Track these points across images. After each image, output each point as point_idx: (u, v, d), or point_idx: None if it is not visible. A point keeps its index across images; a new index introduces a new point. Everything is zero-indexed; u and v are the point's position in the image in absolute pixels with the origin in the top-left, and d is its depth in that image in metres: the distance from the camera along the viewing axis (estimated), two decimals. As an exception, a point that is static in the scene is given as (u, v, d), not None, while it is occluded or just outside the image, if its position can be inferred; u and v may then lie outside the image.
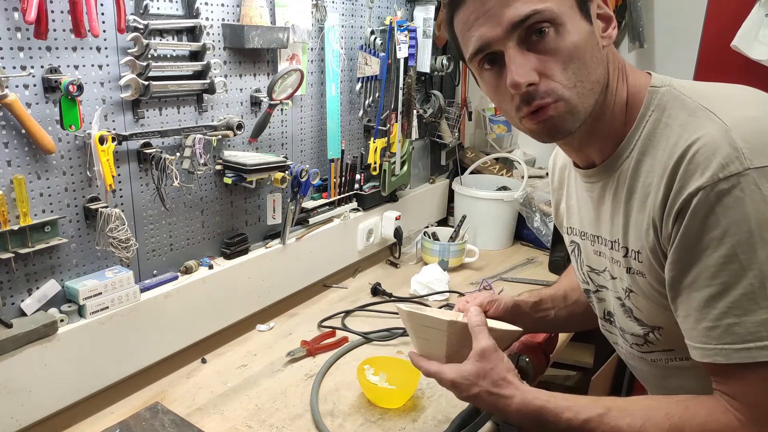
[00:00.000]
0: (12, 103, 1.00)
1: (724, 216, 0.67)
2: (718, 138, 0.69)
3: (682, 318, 0.75)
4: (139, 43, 1.16)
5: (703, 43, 1.91)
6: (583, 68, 0.74)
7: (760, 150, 0.67)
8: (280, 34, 1.42)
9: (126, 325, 1.22)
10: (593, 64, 0.75)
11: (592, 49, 0.75)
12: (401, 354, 1.43)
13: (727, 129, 0.69)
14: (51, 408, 1.13)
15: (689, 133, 0.72)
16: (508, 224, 2.15)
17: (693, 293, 0.72)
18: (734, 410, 0.72)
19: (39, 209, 1.10)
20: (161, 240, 1.34)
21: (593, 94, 0.77)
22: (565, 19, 0.73)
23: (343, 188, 1.78)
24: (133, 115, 1.22)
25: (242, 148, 1.48)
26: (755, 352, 0.68)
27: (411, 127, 1.91)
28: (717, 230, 0.68)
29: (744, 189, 0.66)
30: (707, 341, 0.72)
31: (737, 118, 0.70)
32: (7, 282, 1.08)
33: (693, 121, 0.73)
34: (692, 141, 0.71)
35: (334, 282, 1.82)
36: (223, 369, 1.37)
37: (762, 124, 0.69)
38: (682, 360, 0.87)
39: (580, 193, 0.96)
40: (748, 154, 0.67)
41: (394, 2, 1.89)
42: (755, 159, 0.66)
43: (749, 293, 0.67)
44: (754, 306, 0.67)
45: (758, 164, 0.66)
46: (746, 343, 0.68)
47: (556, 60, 0.74)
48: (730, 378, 0.72)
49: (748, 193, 0.66)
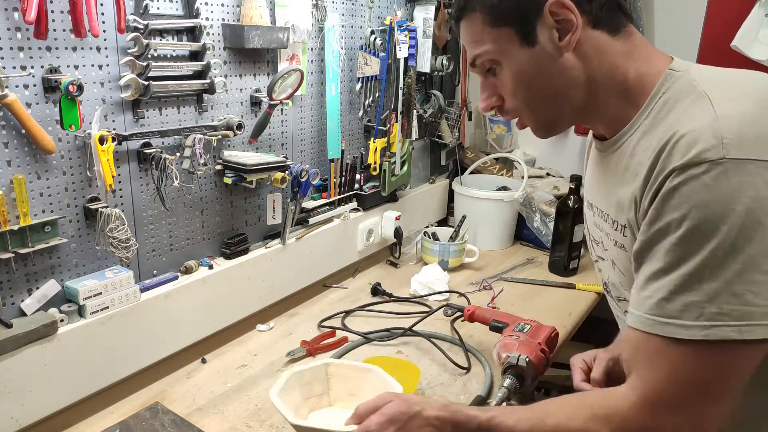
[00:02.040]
0: (12, 103, 1.00)
1: (687, 199, 0.68)
2: (705, 127, 0.69)
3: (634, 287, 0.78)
4: (139, 43, 1.16)
5: (703, 43, 1.91)
6: (531, 88, 0.84)
7: (740, 143, 0.67)
8: (280, 34, 1.42)
9: (126, 325, 1.22)
10: (544, 80, 0.83)
11: (540, 67, 0.82)
12: (401, 354, 1.43)
13: (716, 118, 0.70)
14: (51, 408, 1.13)
15: (684, 120, 0.73)
16: (508, 224, 2.15)
17: (646, 265, 0.75)
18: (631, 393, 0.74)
19: (39, 209, 1.10)
20: (161, 240, 1.34)
21: (552, 102, 0.85)
22: (502, 58, 0.83)
23: (343, 188, 1.78)
24: (133, 115, 1.22)
25: (242, 148, 1.48)
26: (673, 329, 0.70)
27: (411, 127, 1.91)
28: (678, 212, 0.69)
29: (713, 177, 0.67)
30: (638, 308, 0.75)
31: (730, 110, 0.70)
32: (7, 282, 1.08)
33: (692, 108, 0.74)
34: (683, 126, 0.72)
35: (334, 282, 1.82)
36: (223, 369, 1.37)
37: (752, 118, 0.69)
38: None
39: (591, 165, 1.00)
40: (728, 145, 0.67)
41: (394, 2, 1.89)
42: (732, 150, 0.67)
43: (687, 275, 0.69)
44: (687, 287, 0.69)
45: (734, 156, 0.66)
46: (669, 319, 0.70)
47: (504, 89, 0.86)
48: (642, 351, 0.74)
49: (716, 181, 0.67)
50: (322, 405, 1.13)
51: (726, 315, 0.67)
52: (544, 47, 0.81)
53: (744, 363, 0.70)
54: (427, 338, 1.48)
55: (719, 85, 0.75)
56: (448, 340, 1.49)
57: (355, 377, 1.14)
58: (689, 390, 0.70)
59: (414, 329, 1.51)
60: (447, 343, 1.48)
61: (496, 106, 0.88)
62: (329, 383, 1.14)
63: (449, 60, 2.05)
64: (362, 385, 1.13)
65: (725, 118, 0.69)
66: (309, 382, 1.11)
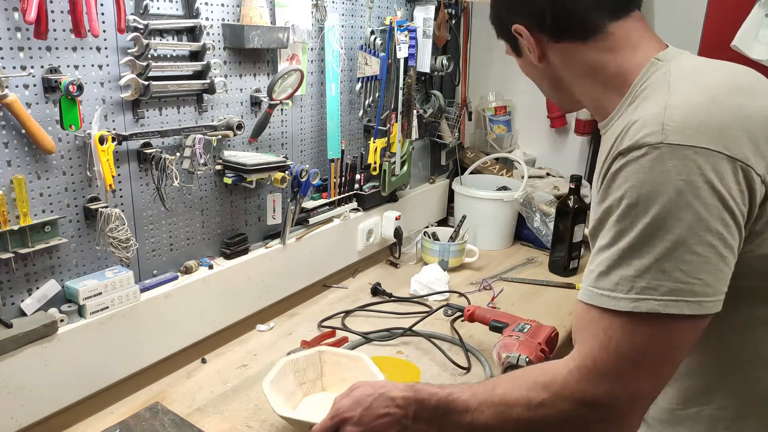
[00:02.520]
0: (12, 103, 1.00)
1: (626, 180, 0.73)
2: (654, 115, 0.73)
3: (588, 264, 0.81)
4: (139, 43, 1.16)
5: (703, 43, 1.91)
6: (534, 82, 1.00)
7: (680, 131, 0.71)
8: (280, 34, 1.42)
9: (126, 325, 1.22)
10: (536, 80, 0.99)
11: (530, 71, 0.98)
12: (401, 354, 1.43)
13: (665, 107, 0.74)
14: (51, 408, 1.13)
15: (642, 109, 0.77)
16: (508, 224, 2.15)
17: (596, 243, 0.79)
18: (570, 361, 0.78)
19: (39, 209, 1.10)
20: (161, 240, 1.34)
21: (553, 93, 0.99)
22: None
23: (343, 188, 1.78)
24: (133, 115, 1.22)
25: (242, 148, 1.48)
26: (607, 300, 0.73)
27: (411, 127, 1.91)
28: (619, 192, 0.73)
29: (650, 159, 0.71)
30: (584, 280, 0.79)
31: (679, 101, 0.74)
32: (7, 282, 1.08)
33: (657, 96, 0.78)
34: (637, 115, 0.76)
35: (334, 282, 1.82)
36: (223, 369, 1.37)
37: (697, 109, 0.73)
38: None
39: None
40: (668, 131, 0.71)
41: (394, 2, 1.89)
42: (671, 136, 0.70)
43: (623, 249, 0.73)
44: (620, 263, 0.73)
45: (671, 141, 0.70)
46: (604, 291, 0.74)
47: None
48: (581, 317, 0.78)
49: (653, 164, 0.71)
50: (315, 389, 1.20)
51: (653, 289, 0.70)
52: (527, 57, 0.94)
53: (674, 338, 0.73)
54: (427, 338, 1.48)
55: (688, 78, 0.79)
56: (448, 340, 1.49)
57: (345, 364, 1.22)
58: (622, 361, 0.73)
59: (414, 329, 1.51)
60: (447, 343, 1.48)
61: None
62: (322, 369, 1.21)
63: (449, 60, 2.05)
64: (351, 372, 1.20)
65: (672, 107, 0.73)
66: (303, 368, 1.18)
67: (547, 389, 0.77)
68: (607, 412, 0.74)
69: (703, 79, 0.79)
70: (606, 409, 0.74)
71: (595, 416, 0.75)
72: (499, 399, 0.81)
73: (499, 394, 0.82)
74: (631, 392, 0.74)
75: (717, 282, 0.71)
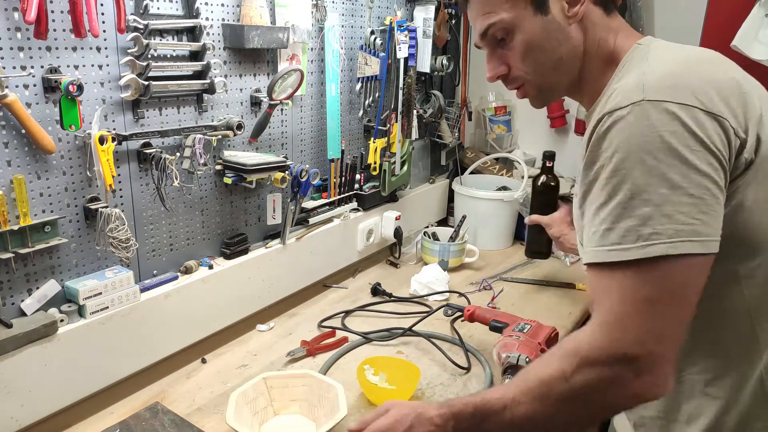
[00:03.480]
0: (12, 103, 1.00)
1: (615, 136, 0.76)
2: (633, 80, 0.79)
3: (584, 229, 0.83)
4: (139, 43, 1.16)
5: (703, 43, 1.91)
6: (540, 55, 0.91)
7: (658, 89, 0.76)
8: (280, 34, 1.42)
9: (126, 325, 1.22)
10: (552, 47, 0.90)
11: (550, 35, 0.89)
12: (401, 354, 1.43)
13: (643, 73, 0.79)
14: (51, 408, 1.13)
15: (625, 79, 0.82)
16: (508, 224, 2.15)
17: (590, 206, 0.81)
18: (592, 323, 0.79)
19: (39, 209, 1.10)
20: (161, 240, 1.34)
21: (557, 69, 0.92)
22: (516, 24, 0.89)
23: (343, 188, 1.78)
24: (133, 115, 1.22)
25: (242, 148, 1.48)
26: (618, 253, 0.76)
27: (411, 127, 1.91)
28: (609, 150, 0.77)
29: (635, 115, 0.75)
30: (589, 244, 0.80)
31: (656, 67, 0.80)
32: (7, 282, 1.08)
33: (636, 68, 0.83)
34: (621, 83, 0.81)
35: (334, 282, 1.82)
36: (223, 369, 1.37)
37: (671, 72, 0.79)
38: None
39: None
40: (647, 90, 0.76)
41: (394, 2, 1.89)
42: (651, 93, 0.75)
43: (623, 202, 0.75)
44: (624, 214, 0.75)
45: (652, 98, 0.75)
46: (612, 246, 0.76)
47: (515, 55, 0.92)
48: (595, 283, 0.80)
49: (638, 118, 0.75)
50: (268, 416, 1.18)
51: (660, 234, 0.73)
52: (555, 17, 0.89)
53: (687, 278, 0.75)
54: (427, 338, 1.48)
55: (663, 53, 0.85)
56: (448, 340, 1.49)
57: (293, 384, 1.20)
58: (641, 309, 0.75)
59: (414, 329, 1.51)
60: (447, 343, 1.48)
61: (502, 75, 0.95)
62: (271, 395, 1.19)
63: (449, 60, 2.05)
64: (301, 390, 1.20)
65: (650, 72, 0.79)
66: (253, 398, 1.16)
67: (577, 354, 0.78)
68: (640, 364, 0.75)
69: (677, 53, 0.85)
70: (638, 361, 0.75)
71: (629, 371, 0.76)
72: (533, 382, 0.81)
73: (532, 377, 0.82)
74: (656, 338, 0.75)
75: (715, 222, 0.74)
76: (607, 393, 0.78)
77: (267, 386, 1.18)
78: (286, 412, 1.19)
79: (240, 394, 1.13)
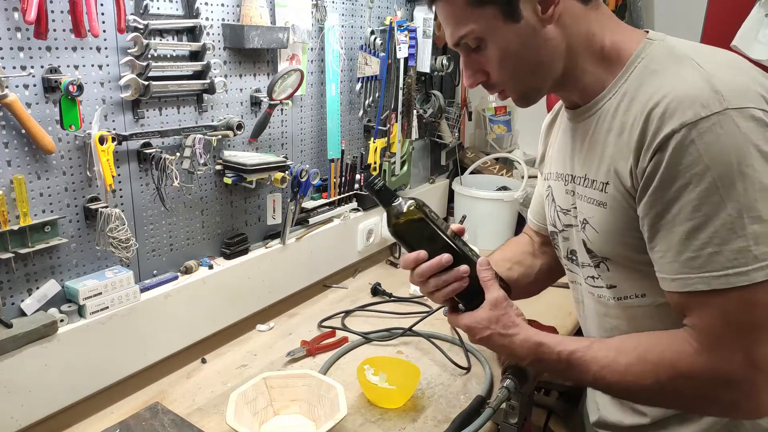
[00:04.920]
0: (12, 103, 1.00)
1: (705, 152, 0.71)
2: (700, 83, 0.74)
3: (662, 253, 0.79)
4: (139, 43, 1.16)
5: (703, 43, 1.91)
6: (517, 62, 0.86)
7: (738, 95, 0.72)
8: (280, 34, 1.42)
9: (126, 325, 1.22)
10: (528, 54, 0.85)
11: (525, 42, 0.84)
12: (401, 354, 1.43)
13: (709, 75, 0.75)
14: (51, 408, 1.13)
15: (674, 79, 0.77)
16: (508, 224, 2.15)
17: (675, 228, 0.76)
18: (692, 339, 0.77)
19: (39, 209, 1.10)
20: (161, 240, 1.34)
21: (536, 73, 0.87)
22: (487, 35, 0.85)
23: (343, 188, 1.78)
24: (133, 115, 1.22)
25: (242, 148, 1.48)
26: (733, 278, 0.72)
27: (411, 127, 1.91)
28: (699, 166, 0.72)
29: (723, 126, 0.71)
30: (689, 271, 0.75)
31: (719, 69, 0.76)
32: (7, 282, 1.08)
33: (679, 69, 0.78)
34: (675, 84, 0.76)
35: (334, 282, 1.82)
36: (223, 369, 1.37)
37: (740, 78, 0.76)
38: (621, 300, 0.94)
39: (561, 136, 1.03)
40: (727, 96, 0.72)
41: (394, 2, 1.89)
42: (734, 100, 0.72)
43: (728, 223, 0.71)
44: (732, 235, 0.71)
45: (736, 105, 0.71)
46: (725, 270, 0.72)
47: (490, 64, 0.88)
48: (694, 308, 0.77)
49: (728, 130, 0.71)
50: (268, 416, 1.17)
51: None
52: (528, 21, 0.83)
53: None
54: (427, 338, 1.48)
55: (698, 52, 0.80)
56: (448, 340, 1.49)
57: (293, 384, 1.20)
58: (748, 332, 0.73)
59: (414, 329, 1.51)
60: (447, 343, 1.48)
61: (482, 82, 0.92)
62: (271, 395, 1.19)
63: (449, 60, 2.05)
64: (301, 390, 1.19)
65: (717, 74, 0.75)
66: (253, 398, 1.16)
67: (675, 368, 0.78)
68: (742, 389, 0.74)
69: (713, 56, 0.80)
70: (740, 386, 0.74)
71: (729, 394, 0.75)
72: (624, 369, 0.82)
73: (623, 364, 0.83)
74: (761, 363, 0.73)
75: None
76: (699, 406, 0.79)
77: (267, 386, 1.18)
78: (286, 412, 1.19)
79: (240, 394, 1.13)
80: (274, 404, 1.18)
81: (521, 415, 1.09)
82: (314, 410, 1.17)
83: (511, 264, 1.21)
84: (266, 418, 1.16)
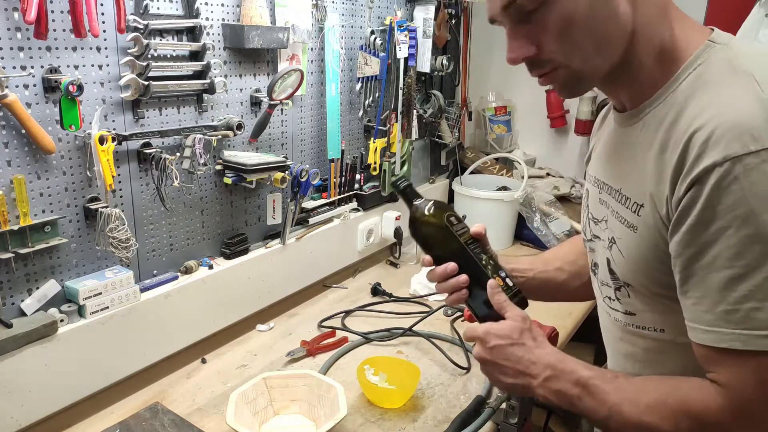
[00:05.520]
0: (12, 103, 1.00)
1: (751, 192, 0.62)
2: (755, 108, 0.64)
3: (695, 300, 0.71)
4: (139, 43, 1.16)
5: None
6: (582, 33, 0.72)
7: None
8: (280, 34, 1.42)
9: (126, 325, 1.22)
10: (597, 24, 0.72)
11: (595, 8, 0.71)
12: (401, 354, 1.43)
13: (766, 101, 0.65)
14: (51, 408, 1.13)
15: (725, 97, 0.68)
16: (508, 224, 2.15)
17: (711, 274, 0.68)
18: (718, 396, 0.71)
19: (39, 209, 1.10)
20: (161, 240, 1.34)
21: (600, 53, 0.74)
22: None
23: (343, 188, 1.78)
24: (133, 115, 1.22)
25: (242, 148, 1.48)
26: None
27: (411, 127, 1.92)
28: (742, 208, 0.63)
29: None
30: (725, 325, 0.68)
31: None
32: (7, 282, 1.08)
33: (735, 85, 0.68)
34: (726, 106, 0.66)
35: (334, 282, 1.82)
36: (223, 369, 1.37)
37: None
38: (637, 329, 0.87)
39: (607, 139, 0.93)
40: None
41: (394, 2, 1.89)
42: None
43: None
44: None
45: None
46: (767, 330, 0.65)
47: (549, 33, 0.73)
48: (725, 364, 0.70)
49: None
50: (268, 416, 1.17)
51: None
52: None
53: None
54: (427, 338, 1.48)
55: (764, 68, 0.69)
56: (448, 340, 1.49)
57: (293, 384, 1.20)
58: None
59: (414, 329, 1.51)
60: (447, 343, 1.48)
61: (530, 57, 0.76)
62: (271, 395, 1.19)
63: (449, 60, 2.05)
64: (301, 390, 1.19)
65: None
66: (253, 398, 1.16)
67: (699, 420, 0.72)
68: None
69: None
70: None
71: None
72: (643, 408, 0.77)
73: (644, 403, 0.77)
74: None
75: None
76: None
77: (267, 386, 1.19)
78: (286, 412, 1.19)
79: (240, 394, 1.13)
80: (274, 404, 1.18)
81: (521, 415, 1.09)
82: (314, 410, 1.17)
83: (561, 263, 1.13)
84: (266, 418, 1.17)
